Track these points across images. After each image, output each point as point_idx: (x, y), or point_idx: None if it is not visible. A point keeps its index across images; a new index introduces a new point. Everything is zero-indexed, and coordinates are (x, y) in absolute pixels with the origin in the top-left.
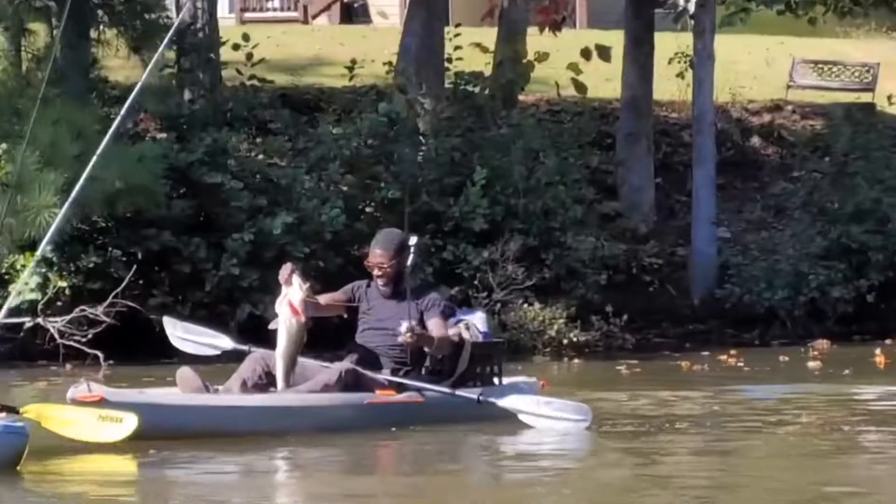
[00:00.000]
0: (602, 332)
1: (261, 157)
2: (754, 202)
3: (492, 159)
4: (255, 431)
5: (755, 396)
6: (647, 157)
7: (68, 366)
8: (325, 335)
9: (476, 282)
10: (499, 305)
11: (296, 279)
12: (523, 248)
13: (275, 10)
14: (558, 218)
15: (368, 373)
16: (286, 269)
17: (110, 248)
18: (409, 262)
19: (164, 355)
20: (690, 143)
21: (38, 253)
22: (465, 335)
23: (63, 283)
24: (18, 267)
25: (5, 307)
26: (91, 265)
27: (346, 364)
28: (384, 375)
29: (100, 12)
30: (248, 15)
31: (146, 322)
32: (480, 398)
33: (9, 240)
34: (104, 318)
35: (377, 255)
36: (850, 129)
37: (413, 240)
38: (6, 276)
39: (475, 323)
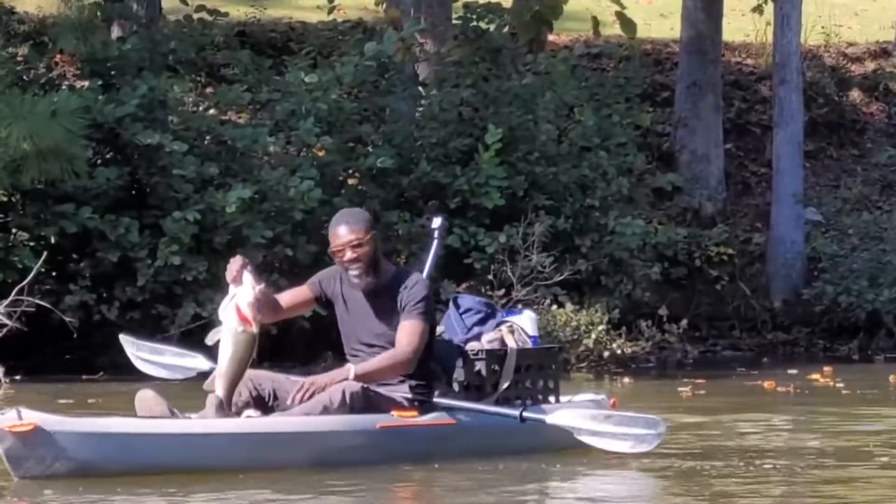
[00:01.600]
0: (654, 341)
1: (212, 111)
2: (854, 175)
3: (511, 117)
4: (235, 465)
5: (872, 429)
6: (714, 116)
7: None
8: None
9: (490, 276)
10: (520, 306)
11: (247, 277)
12: (552, 232)
13: None
14: (598, 193)
15: (380, 389)
16: (235, 263)
17: (14, 230)
18: (431, 251)
19: (86, 369)
20: (770, 99)
21: None
22: (509, 341)
23: None
24: None
25: None
26: None
27: (353, 383)
28: (400, 391)
29: None
30: None
31: (61, 326)
32: (524, 414)
33: None
34: (5, 321)
35: (341, 234)
36: None
37: (437, 221)
38: None
39: (522, 325)
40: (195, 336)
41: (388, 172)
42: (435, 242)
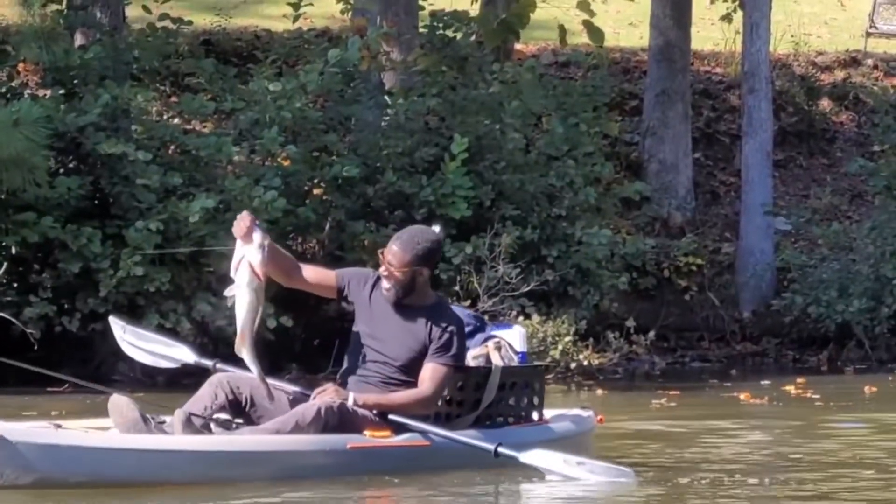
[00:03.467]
0: (622, 353)
1: (175, 120)
2: (823, 185)
3: (478, 126)
4: (198, 480)
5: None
6: (683, 125)
7: None
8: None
9: (457, 287)
10: (486, 318)
11: (256, 234)
12: (519, 243)
13: None
14: (565, 203)
15: (358, 408)
16: (244, 220)
17: None
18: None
19: (50, 381)
20: (739, 108)
21: None
22: (494, 357)
23: None
24: None
25: None
26: None
27: (327, 399)
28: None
29: None
30: None
31: (22, 337)
32: (499, 450)
33: None
34: None
35: (393, 251)
36: None
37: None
38: None
39: (510, 341)
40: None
41: (353, 182)
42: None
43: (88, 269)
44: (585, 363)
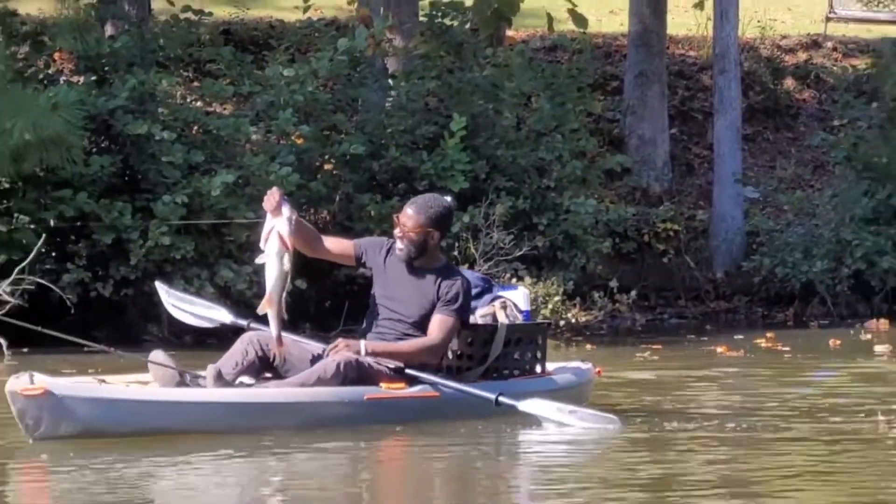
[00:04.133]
0: (606, 311)
1: (198, 103)
2: (788, 156)
3: (474, 105)
4: (229, 430)
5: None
6: (660, 103)
7: None
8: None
9: (455, 252)
10: (514, 281)
11: (284, 208)
12: (512, 212)
13: None
14: (554, 175)
15: (375, 362)
16: (273, 195)
17: (16, 214)
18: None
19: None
20: (711, 87)
21: None
22: (500, 316)
23: None
24: None
25: None
26: None
27: (348, 355)
28: (394, 363)
29: None
30: None
31: (59, 302)
32: (499, 399)
33: None
34: (8, 298)
35: (407, 214)
36: None
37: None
38: None
39: (515, 301)
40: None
41: (360, 158)
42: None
43: (120, 240)
44: (573, 321)
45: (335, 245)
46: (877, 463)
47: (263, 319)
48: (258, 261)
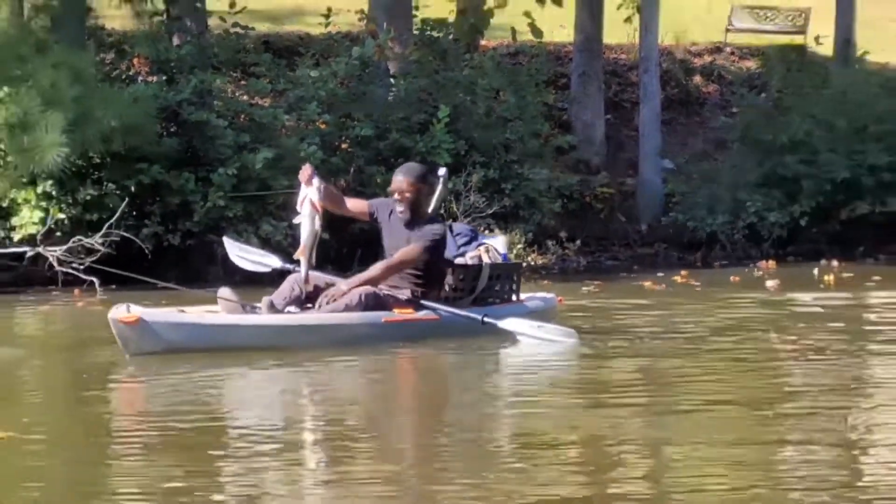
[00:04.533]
0: (557, 255)
1: (244, 97)
2: (696, 136)
3: (455, 98)
4: (279, 347)
5: (725, 315)
6: (598, 95)
7: (76, 290)
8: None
9: (441, 211)
10: (496, 232)
11: (315, 180)
12: (484, 180)
13: None
14: (517, 151)
15: (390, 292)
16: (306, 170)
17: (106, 182)
18: (436, 194)
19: (159, 280)
20: (638, 83)
21: None
22: (485, 258)
23: (62, 215)
24: (20, 200)
25: None
26: (88, 198)
27: (368, 289)
28: (404, 294)
29: None
30: None
31: (139, 250)
32: (484, 319)
33: (14, 176)
34: (99, 247)
35: (398, 180)
36: (783, 68)
37: (442, 171)
38: (9, 210)
39: (496, 246)
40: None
41: (369, 139)
42: (440, 187)
43: (186, 202)
44: (532, 263)
45: (355, 205)
46: (767, 367)
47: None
48: (294, 221)
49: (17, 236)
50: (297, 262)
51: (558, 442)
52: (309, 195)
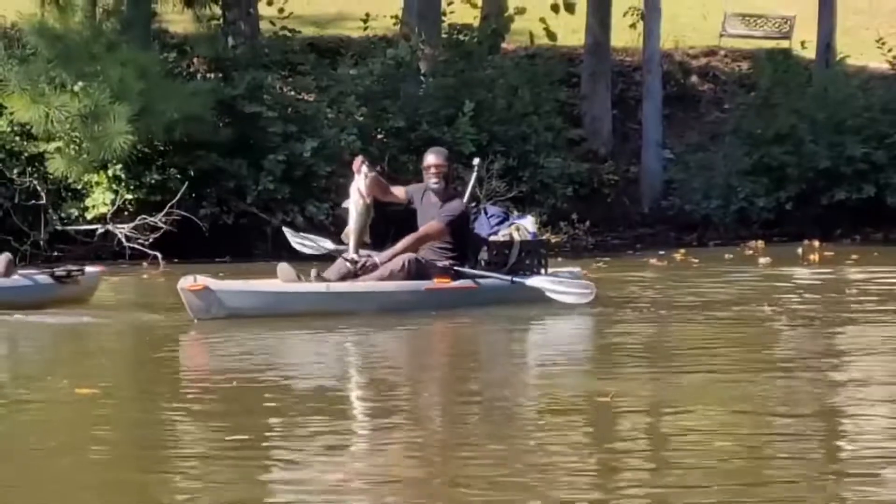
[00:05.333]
0: (569, 235)
1: (291, 92)
2: (693, 129)
3: (479, 94)
4: (332, 312)
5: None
6: (605, 93)
7: (145, 264)
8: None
9: (479, 194)
10: (526, 213)
11: (364, 168)
12: (504, 167)
13: None
14: (533, 142)
15: (430, 260)
16: (357, 160)
17: (169, 168)
18: (472, 180)
19: (215, 255)
20: (641, 82)
21: None
22: (515, 235)
23: (129, 196)
24: (93, 183)
25: None
26: (153, 181)
27: (411, 255)
28: (442, 263)
29: None
30: None
31: (197, 229)
32: (514, 279)
33: (87, 161)
34: (162, 225)
35: (430, 159)
36: (770, 69)
37: (476, 161)
38: (83, 191)
39: (525, 226)
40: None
41: (401, 130)
42: (474, 174)
43: (239, 185)
44: (547, 242)
45: (397, 192)
46: (760, 335)
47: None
48: (343, 205)
49: (89, 215)
50: (346, 243)
51: (578, 407)
52: (356, 184)
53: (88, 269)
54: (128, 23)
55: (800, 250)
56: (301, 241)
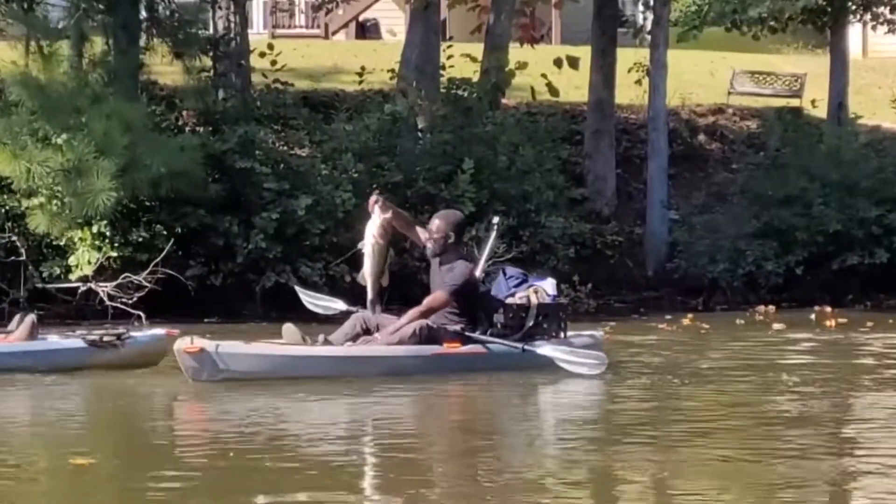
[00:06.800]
0: (570, 297)
1: (284, 147)
2: (700, 189)
3: (478, 151)
4: (336, 376)
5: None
6: (609, 151)
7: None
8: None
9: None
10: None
11: (377, 209)
12: (505, 226)
13: (300, 27)
14: (534, 201)
15: (441, 324)
16: (372, 198)
17: (155, 224)
18: (490, 240)
19: (202, 315)
20: (646, 140)
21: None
22: (533, 298)
23: (114, 254)
24: (76, 240)
25: None
26: (139, 239)
27: (422, 321)
28: (453, 328)
29: (147, 24)
30: (278, 31)
31: (184, 288)
32: (525, 348)
33: (70, 217)
34: (147, 284)
35: (432, 225)
36: (780, 128)
37: (496, 219)
38: (65, 248)
39: (545, 288)
40: (274, 296)
41: (398, 186)
42: (493, 234)
43: (228, 244)
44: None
45: (421, 235)
46: (779, 402)
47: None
48: (359, 246)
49: (73, 275)
50: (363, 307)
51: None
52: (371, 224)
53: (154, 331)
54: (114, 74)
55: (812, 316)
56: (313, 301)
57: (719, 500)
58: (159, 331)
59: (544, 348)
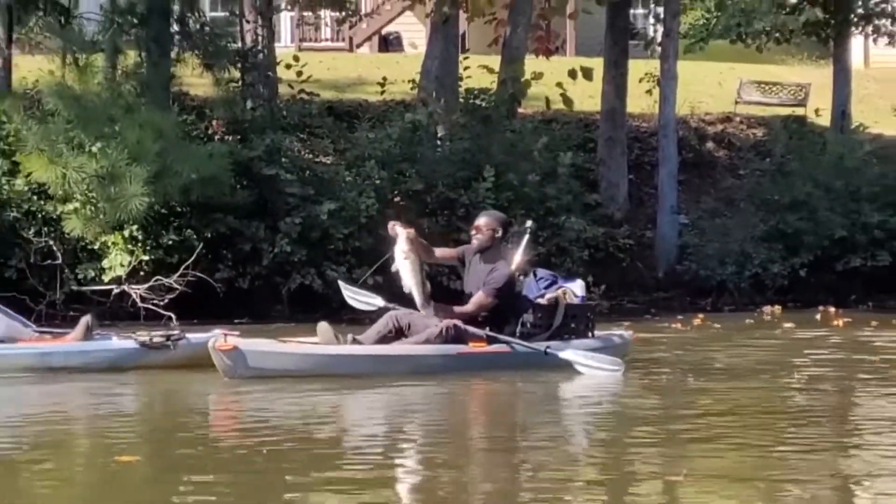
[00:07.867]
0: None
1: (309, 155)
2: (708, 195)
3: (496, 158)
4: (366, 374)
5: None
6: (621, 158)
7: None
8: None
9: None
10: (576, 277)
11: (398, 229)
12: (535, 230)
13: (326, 40)
14: (553, 205)
15: (469, 328)
16: (390, 225)
17: (185, 229)
18: (522, 245)
19: (230, 316)
20: (657, 147)
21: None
22: (561, 299)
23: (146, 257)
24: (110, 244)
25: None
26: (170, 242)
27: (449, 321)
28: (483, 331)
29: (178, 38)
30: (304, 44)
31: (213, 290)
32: (547, 351)
33: (103, 221)
34: (177, 286)
35: (478, 220)
36: (786, 136)
37: (529, 223)
38: (99, 251)
39: (574, 289)
40: (299, 297)
41: (419, 193)
42: (525, 237)
43: (255, 248)
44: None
45: (444, 253)
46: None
47: (405, 302)
48: (392, 269)
49: (106, 277)
50: (401, 304)
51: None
52: (398, 247)
53: (212, 332)
54: (147, 85)
55: (818, 316)
56: (354, 296)
57: (733, 498)
58: (217, 331)
59: (566, 352)
